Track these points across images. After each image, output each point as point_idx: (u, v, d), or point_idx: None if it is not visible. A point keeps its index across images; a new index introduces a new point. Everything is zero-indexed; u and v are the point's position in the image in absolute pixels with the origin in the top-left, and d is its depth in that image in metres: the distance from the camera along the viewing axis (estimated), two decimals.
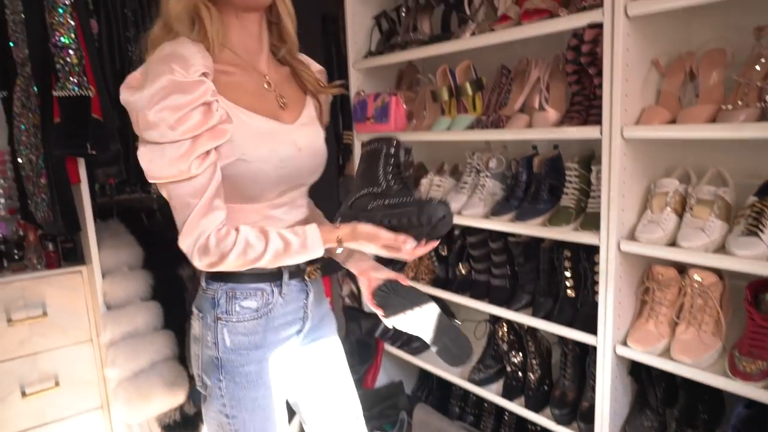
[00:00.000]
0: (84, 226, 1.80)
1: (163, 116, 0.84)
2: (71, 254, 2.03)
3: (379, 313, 1.14)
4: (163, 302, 1.95)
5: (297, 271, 1.09)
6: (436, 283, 2.13)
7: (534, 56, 1.77)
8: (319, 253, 0.99)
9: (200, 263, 0.92)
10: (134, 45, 1.84)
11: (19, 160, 1.76)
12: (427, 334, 1.14)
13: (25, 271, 1.93)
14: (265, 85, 1.03)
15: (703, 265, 1.38)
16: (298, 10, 1.09)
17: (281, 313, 1.08)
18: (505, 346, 1.93)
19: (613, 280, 1.50)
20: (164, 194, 0.93)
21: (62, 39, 1.48)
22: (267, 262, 0.95)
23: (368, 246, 1.00)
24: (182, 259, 2.13)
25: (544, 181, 1.74)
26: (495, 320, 1.97)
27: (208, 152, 0.89)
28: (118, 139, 1.74)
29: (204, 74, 0.88)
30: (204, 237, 0.90)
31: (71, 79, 1.50)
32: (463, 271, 2.04)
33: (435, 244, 1.03)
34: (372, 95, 2.19)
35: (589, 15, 1.42)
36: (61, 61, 1.50)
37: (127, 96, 0.87)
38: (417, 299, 1.14)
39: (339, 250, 1.01)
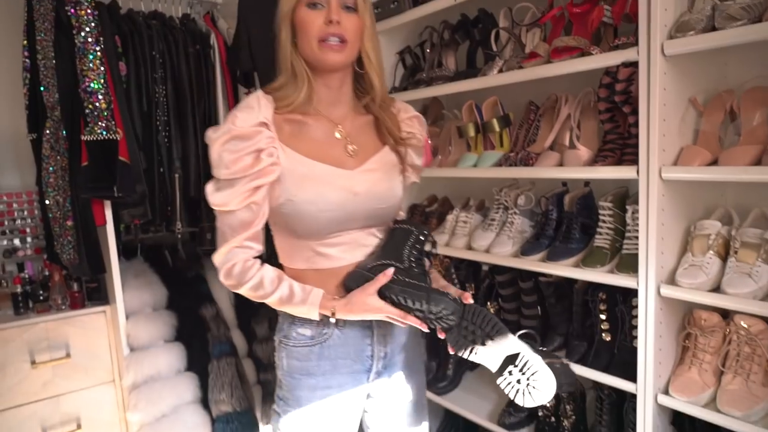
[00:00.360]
0: (109, 267, 1.79)
1: (222, 156, 0.99)
2: (95, 293, 2.02)
3: (440, 336, 1.11)
4: (187, 344, 1.92)
5: None
6: None
7: (563, 92, 1.74)
8: (313, 315, 1.06)
9: (223, 281, 1.06)
10: (161, 86, 1.86)
11: (47, 202, 1.77)
12: (493, 366, 1.06)
13: (50, 312, 1.92)
14: (336, 134, 1.11)
15: (751, 313, 1.31)
16: None
17: (339, 344, 1.11)
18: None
19: (653, 325, 1.43)
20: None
21: (92, 84, 1.49)
22: (273, 304, 1.06)
23: (369, 315, 1.06)
24: (205, 298, 2.10)
25: (576, 220, 1.69)
26: None
27: (252, 192, 1.00)
28: (144, 180, 1.74)
29: (263, 124, 1.01)
30: (231, 263, 1.03)
31: (100, 123, 1.51)
32: (492, 310, 1.98)
33: (441, 334, 1.08)
34: None
35: (623, 53, 1.39)
36: (90, 106, 1.51)
37: (210, 133, 1.03)
38: (484, 324, 1.05)
39: (332, 320, 1.07)
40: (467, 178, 2.11)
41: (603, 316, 1.62)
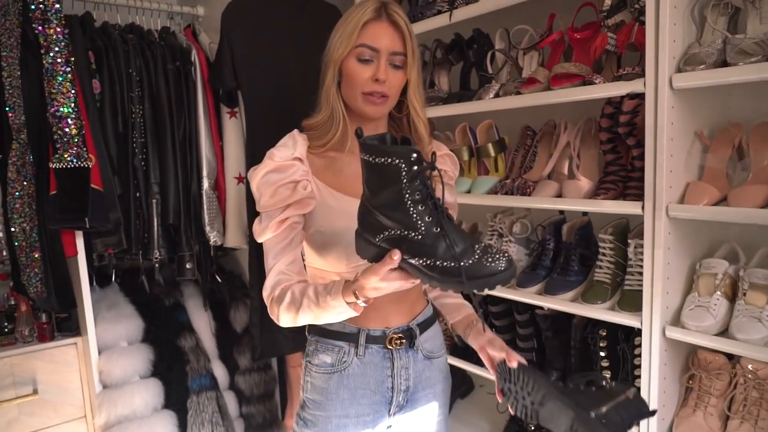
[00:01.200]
0: (80, 300, 1.67)
1: (261, 189, 1.06)
2: (65, 323, 1.90)
3: (500, 399, 1.05)
4: (164, 379, 1.81)
5: (377, 337, 1.12)
6: (454, 352, 1.99)
7: (561, 118, 1.68)
8: (338, 301, 0.96)
9: (271, 314, 1.06)
10: (138, 106, 1.74)
11: (12, 229, 1.64)
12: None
13: (16, 345, 1.79)
14: None
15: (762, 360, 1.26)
16: (312, 63, 1.17)
17: (358, 373, 1.12)
18: (531, 426, 1.79)
19: (658, 367, 1.37)
20: None
21: (61, 109, 1.37)
22: (311, 314, 1.01)
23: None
24: (184, 328, 1.98)
25: (574, 251, 1.63)
26: None
27: (289, 221, 1.05)
28: (118, 207, 1.62)
29: (297, 159, 1.07)
30: (275, 292, 1.05)
31: (70, 150, 1.39)
32: None
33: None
34: None
35: (628, 85, 1.33)
36: (60, 132, 1.39)
37: (250, 171, 1.08)
38: (539, 388, 0.96)
39: (362, 303, 0.96)
40: (460, 203, 2.04)
41: (603, 353, 1.56)
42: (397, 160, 0.83)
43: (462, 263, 0.82)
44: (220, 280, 2.10)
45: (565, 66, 1.48)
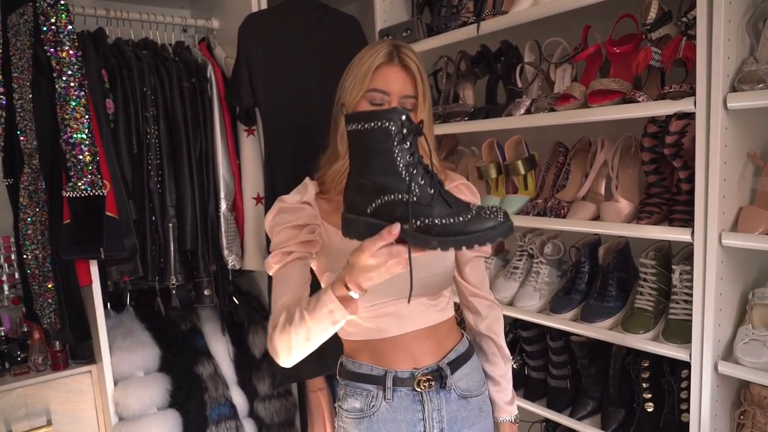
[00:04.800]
0: (95, 330, 1.61)
1: (272, 229, 1.08)
2: (79, 349, 1.83)
3: None
4: (182, 409, 1.74)
5: (405, 379, 1.08)
6: None
7: (594, 135, 1.60)
8: (328, 296, 0.91)
9: (270, 346, 1.01)
10: (153, 126, 1.67)
11: (24, 255, 1.58)
12: None
13: (29, 375, 1.73)
14: None
15: None
16: (332, 76, 1.14)
17: (388, 418, 1.09)
18: None
19: (709, 404, 1.29)
20: None
21: (75, 135, 1.31)
22: (311, 326, 0.92)
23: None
24: (202, 354, 1.90)
25: (612, 275, 1.55)
26: (553, 426, 1.75)
27: (294, 257, 1.04)
28: (133, 233, 1.55)
29: (306, 203, 1.09)
30: (271, 324, 1.00)
31: (83, 178, 1.33)
32: (515, 366, 1.82)
33: None
34: None
35: (676, 104, 1.24)
36: (73, 159, 1.32)
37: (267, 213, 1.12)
38: None
39: (355, 295, 0.90)
40: None
41: (646, 385, 1.48)
42: (387, 123, 0.82)
43: (461, 218, 0.81)
44: (237, 302, 2.03)
45: (604, 82, 1.40)
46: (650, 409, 1.47)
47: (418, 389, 1.08)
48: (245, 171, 1.84)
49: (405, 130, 0.83)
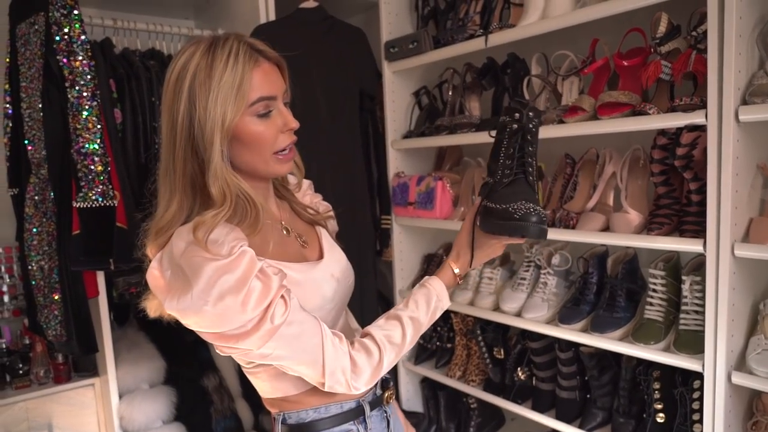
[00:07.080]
0: (101, 343, 1.58)
1: (226, 305, 0.76)
2: (82, 362, 1.80)
3: None
4: (187, 422, 1.72)
5: (376, 399, 1.01)
6: (488, 387, 1.92)
7: (602, 146, 1.61)
8: (445, 295, 0.99)
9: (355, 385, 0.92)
10: (161, 136, 1.66)
11: (29, 267, 1.56)
12: None
13: (30, 388, 1.70)
14: (284, 231, 0.98)
15: None
16: (338, 87, 1.02)
17: None
18: None
19: (722, 415, 1.29)
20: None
21: (87, 145, 1.30)
22: (413, 333, 0.95)
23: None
24: (207, 366, 1.88)
25: (620, 286, 1.55)
26: None
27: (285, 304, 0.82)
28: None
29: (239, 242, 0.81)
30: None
31: (95, 189, 1.31)
32: (523, 377, 1.82)
33: None
34: (414, 178, 2.02)
35: (687, 116, 1.26)
36: (85, 170, 1.31)
37: (173, 305, 0.77)
38: None
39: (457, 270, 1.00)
40: None
41: (657, 395, 1.48)
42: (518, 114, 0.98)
43: (508, 206, 0.90)
44: None
45: (614, 94, 1.41)
46: (661, 420, 1.47)
47: (385, 405, 1.02)
48: None
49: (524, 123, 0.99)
